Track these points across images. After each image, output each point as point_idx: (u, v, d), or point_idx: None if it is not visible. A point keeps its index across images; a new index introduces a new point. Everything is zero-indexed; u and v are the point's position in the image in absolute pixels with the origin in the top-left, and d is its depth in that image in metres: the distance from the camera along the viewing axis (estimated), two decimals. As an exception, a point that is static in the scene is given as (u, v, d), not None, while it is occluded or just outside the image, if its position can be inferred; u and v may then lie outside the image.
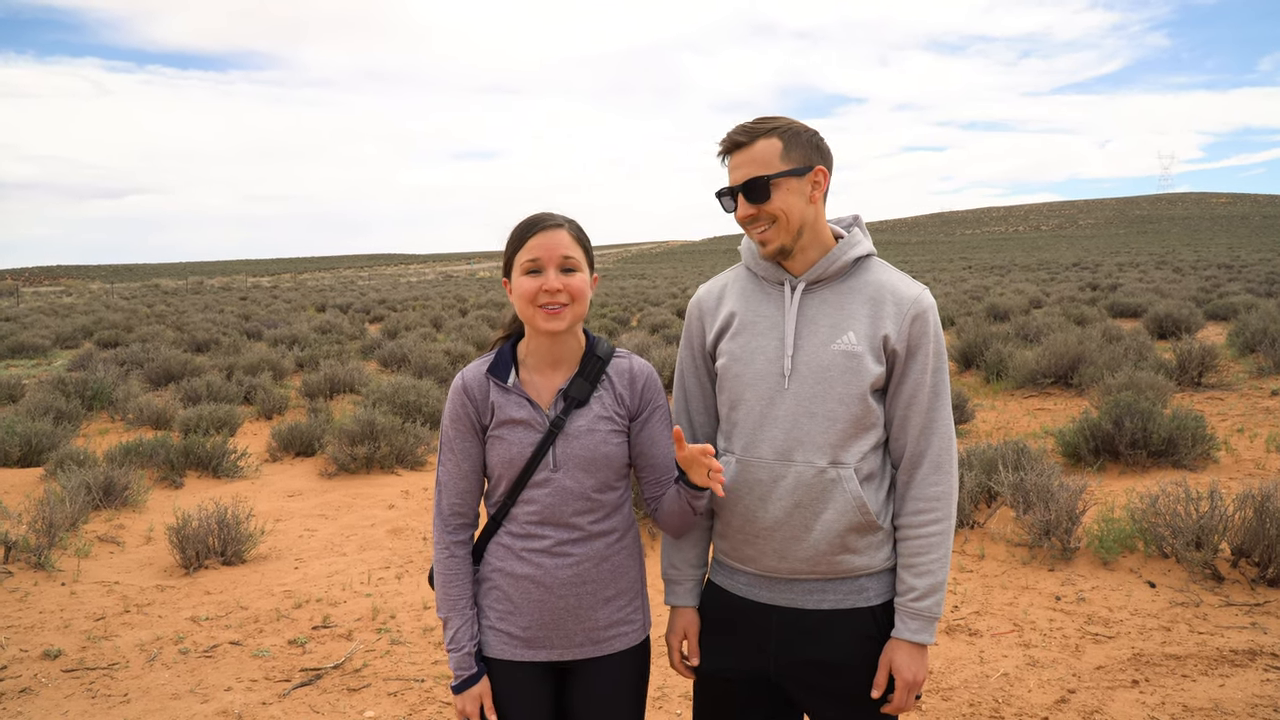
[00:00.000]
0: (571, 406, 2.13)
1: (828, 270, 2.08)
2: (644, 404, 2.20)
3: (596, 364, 2.17)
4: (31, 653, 4.62)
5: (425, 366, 14.46)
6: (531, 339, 2.16)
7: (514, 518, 2.15)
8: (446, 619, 2.16)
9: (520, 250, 2.09)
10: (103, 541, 6.52)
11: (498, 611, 2.17)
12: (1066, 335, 12.33)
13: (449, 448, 2.16)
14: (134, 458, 8.42)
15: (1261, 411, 9.54)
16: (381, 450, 8.69)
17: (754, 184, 2.01)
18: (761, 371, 2.07)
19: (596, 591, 2.15)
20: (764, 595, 2.12)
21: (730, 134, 2.05)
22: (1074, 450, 7.84)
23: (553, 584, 2.12)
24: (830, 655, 2.07)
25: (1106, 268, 49.53)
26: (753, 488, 2.07)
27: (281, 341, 20.28)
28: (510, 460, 2.11)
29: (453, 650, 2.14)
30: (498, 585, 2.17)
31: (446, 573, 2.16)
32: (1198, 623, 4.57)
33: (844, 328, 2.05)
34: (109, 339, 22.30)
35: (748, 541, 2.10)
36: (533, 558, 2.13)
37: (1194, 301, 21.46)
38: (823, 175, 2.05)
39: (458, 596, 2.15)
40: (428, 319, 26.67)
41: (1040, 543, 5.52)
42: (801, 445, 2.03)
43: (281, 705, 4.10)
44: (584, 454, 2.11)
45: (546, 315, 2.06)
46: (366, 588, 5.58)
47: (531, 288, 2.06)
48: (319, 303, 39.56)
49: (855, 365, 2.02)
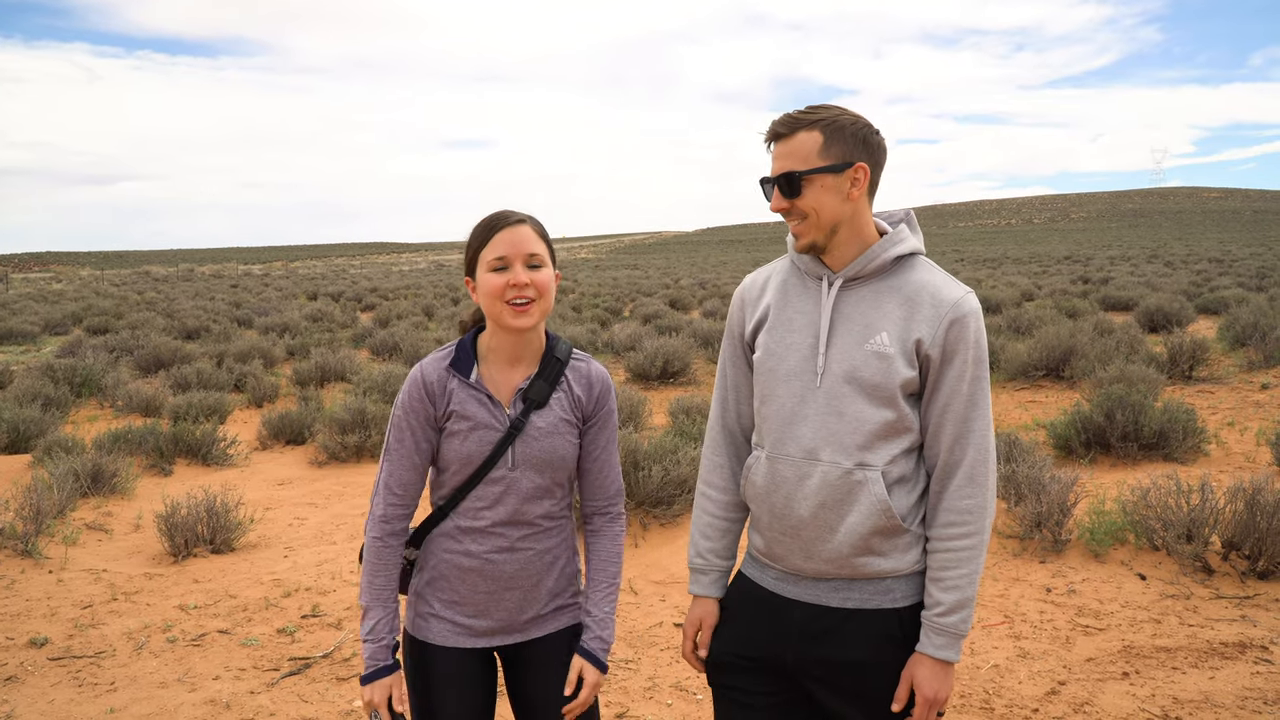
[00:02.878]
0: (531, 408, 2.13)
1: (865, 268, 2.02)
2: (597, 408, 2.22)
3: (556, 365, 2.18)
4: (18, 641, 4.58)
5: (417, 355, 14.43)
6: (495, 335, 2.14)
7: (464, 511, 2.15)
8: (368, 608, 2.14)
9: (485, 247, 2.08)
10: (90, 529, 6.48)
11: (443, 600, 2.17)
12: (1058, 328, 12.33)
13: (400, 439, 2.13)
14: (123, 445, 8.38)
15: (1252, 405, 9.56)
16: (372, 439, 8.65)
17: (787, 178, 1.98)
18: (795, 368, 2.04)
19: (541, 581, 2.19)
20: (790, 590, 2.09)
21: (774, 123, 2.01)
22: (1065, 443, 7.85)
23: (500, 576, 2.15)
24: (851, 654, 2.03)
25: (1098, 261, 49.68)
26: (780, 485, 2.04)
27: (272, 329, 20.19)
28: (468, 457, 2.11)
29: (370, 641, 2.12)
30: (444, 575, 2.16)
31: (377, 562, 2.14)
32: (1188, 615, 4.58)
33: (878, 327, 1.99)
34: (99, 326, 22.17)
35: (776, 540, 2.07)
36: (482, 552, 2.14)
37: (1185, 295, 21.50)
38: (863, 172, 1.99)
39: (383, 587, 2.15)
40: (419, 308, 26.58)
41: (1031, 535, 5.52)
42: (828, 445, 1.99)
43: (270, 694, 4.08)
44: (542, 455, 2.13)
45: (515, 312, 2.06)
46: (356, 576, 5.55)
47: (499, 284, 2.05)
48: (310, 291, 39.43)
49: (886, 367, 1.97)
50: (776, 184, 2.00)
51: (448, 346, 2.18)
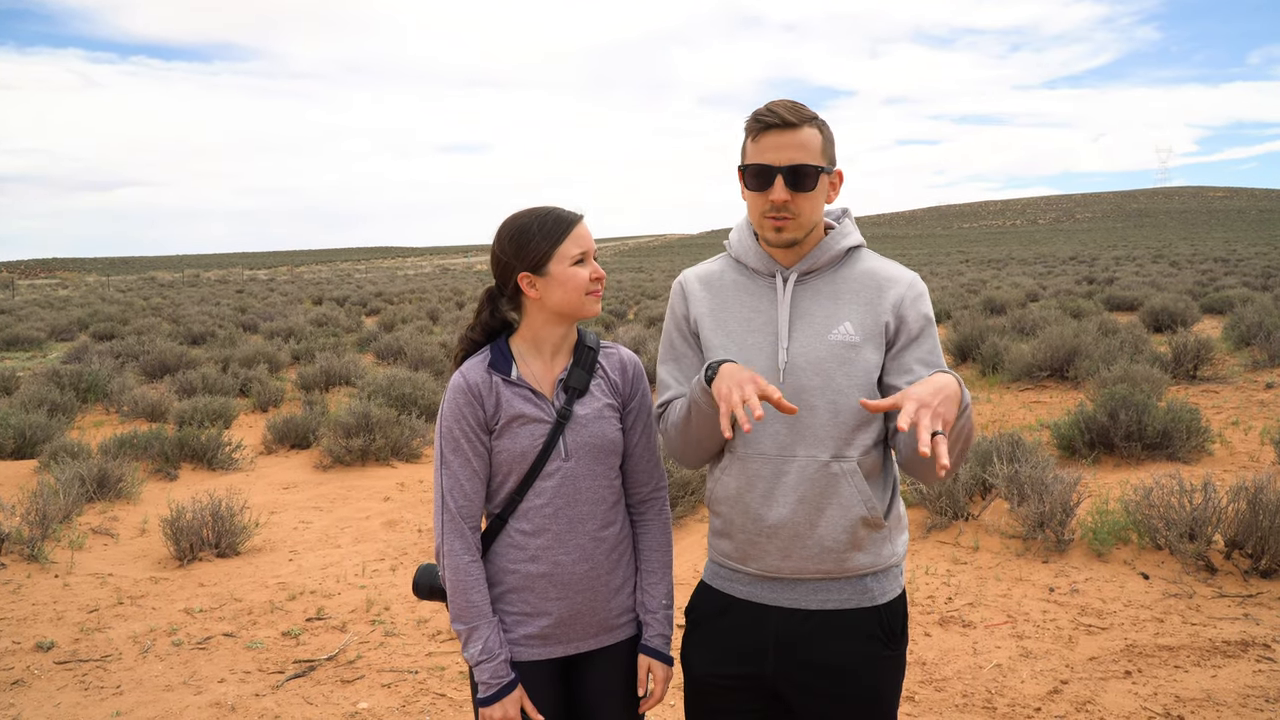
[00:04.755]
0: (574, 397, 2.15)
1: (819, 261, 2.05)
2: (633, 393, 2.23)
3: (589, 354, 2.20)
4: (24, 645, 4.61)
5: (421, 359, 14.44)
6: (541, 329, 2.16)
7: (523, 514, 2.13)
8: (473, 628, 2.08)
9: (563, 243, 2.11)
10: (96, 533, 6.51)
11: (513, 615, 2.15)
12: (1062, 328, 12.32)
13: (455, 448, 2.10)
14: (128, 450, 8.40)
15: (1256, 404, 9.55)
16: (377, 443, 8.67)
17: (802, 170, 1.94)
18: (759, 367, 2.02)
19: (609, 582, 2.18)
20: (764, 596, 2.06)
21: (777, 111, 1.96)
22: (1069, 443, 7.84)
23: (569, 580, 2.13)
24: (832, 657, 2.02)
25: (1103, 261, 49.58)
26: (754, 484, 2.02)
27: (277, 334, 20.24)
28: (522, 454, 2.10)
29: (485, 661, 2.07)
30: (512, 588, 2.14)
31: (468, 579, 2.09)
32: (1190, 614, 4.58)
33: (839, 318, 2.01)
34: (104, 331, 22.23)
35: (751, 542, 2.04)
36: (546, 554, 2.12)
37: (1190, 295, 21.45)
38: (839, 177, 2.05)
39: (482, 602, 2.10)
40: (424, 312, 26.62)
41: (1034, 535, 5.52)
42: (803, 439, 1.98)
43: (275, 697, 4.10)
44: (594, 441, 2.14)
45: (595, 299, 2.14)
46: (361, 580, 5.57)
47: (584, 277, 2.11)
48: (315, 295, 39.50)
49: (853, 356, 1.99)
50: (783, 174, 1.95)
51: (481, 353, 2.18)
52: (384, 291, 41.83)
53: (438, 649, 4.58)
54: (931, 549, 5.69)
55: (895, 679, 2.10)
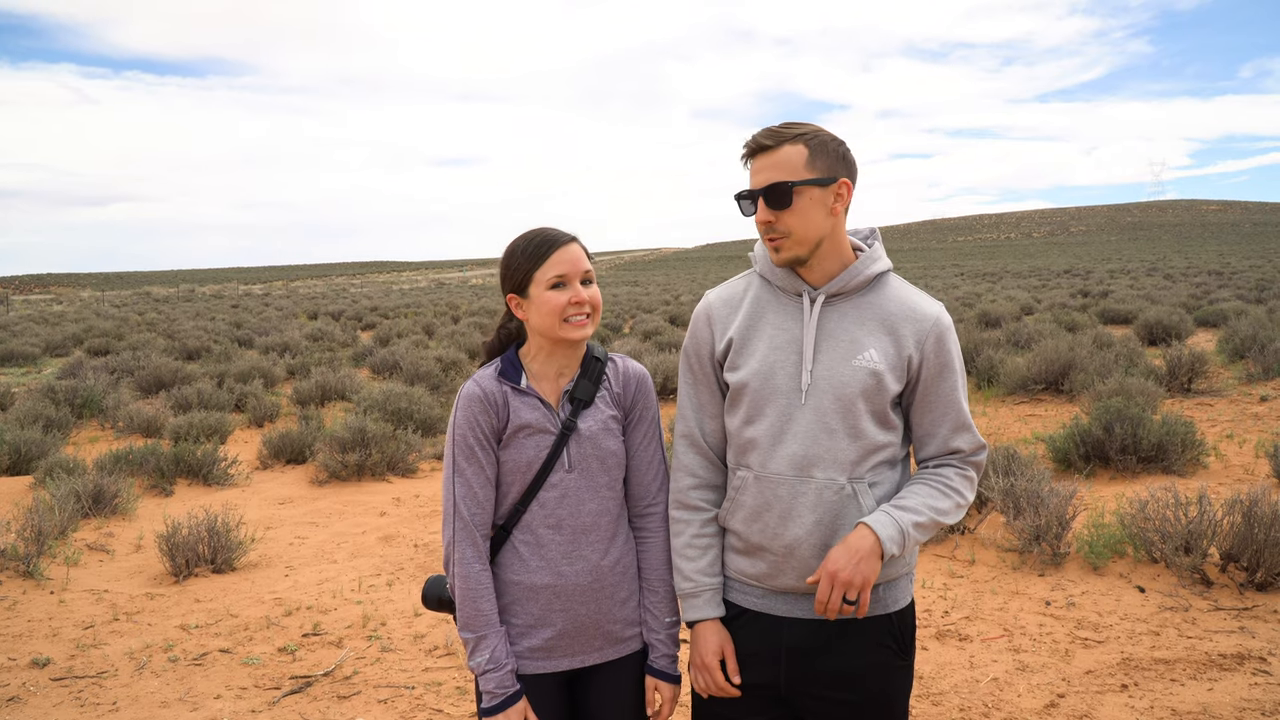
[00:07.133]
0: (579, 408, 2.16)
1: (848, 284, 2.05)
2: (635, 403, 2.24)
3: (597, 366, 2.22)
4: (20, 661, 4.59)
5: (417, 374, 14.44)
6: (544, 348, 2.18)
7: (526, 525, 2.14)
8: (481, 637, 2.08)
9: (542, 265, 2.11)
10: (92, 550, 6.49)
11: (516, 627, 2.15)
12: (1058, 342, 12.36)
13: (468, 455, 2.11)
14: (124, 466, 8.39)
15: (1250, 417, 9.58)
16: (373, 457, 8.67)
17: (777, 189, 1.97)
18: (781, 387, 2.03)
19: (614, 594, 2.18)
20: (779, 608, 2.07)
21: (756, 137, 2.01)
22: (1064, 456, 7.86)
23: (573, 591, 2.13)
24: (845, 665, 2.03)
25: (1098, 274, 49.74)
26: (773, 504, 2.03)
27: (273, 349, 20.22)
28: (527, 464, 2.12)
29: (492, 670, 2.07)
30: (515, 598, 2.15)
31: (478, 588, 2.09)
32: (1186, 627, 4.59)
33: (865, 344, 2.02)
34: (99, 347, 22.21)
35: (767, 560, 2.05)
36: (550, 565, 2.13)
37: (1184, 308, 21.54)
38: (846, 188, 2.02)
39: (490, 611, 2.10)
40: (420, 326, 26.62)
41: (1030, 548, 5.53)
42: (821, 461, 2.00)
43: (271, 713, 4.09)
44: (596, 454, 2.15)
45: (575, 326, 2.11)
46: (357, 595, 5.56)
47: (560, 301, 2.10)
48: (311, 310, 39.50)
49: (877, 383, 2.00)
50: (762, 195, 1.99)
51: (491, 364, 2.20)
52: (379, 306, 41.83)
53: (434, 664, 4.57)
54: (928, 562, 5.69)
55: (905, 688, 2.12)
